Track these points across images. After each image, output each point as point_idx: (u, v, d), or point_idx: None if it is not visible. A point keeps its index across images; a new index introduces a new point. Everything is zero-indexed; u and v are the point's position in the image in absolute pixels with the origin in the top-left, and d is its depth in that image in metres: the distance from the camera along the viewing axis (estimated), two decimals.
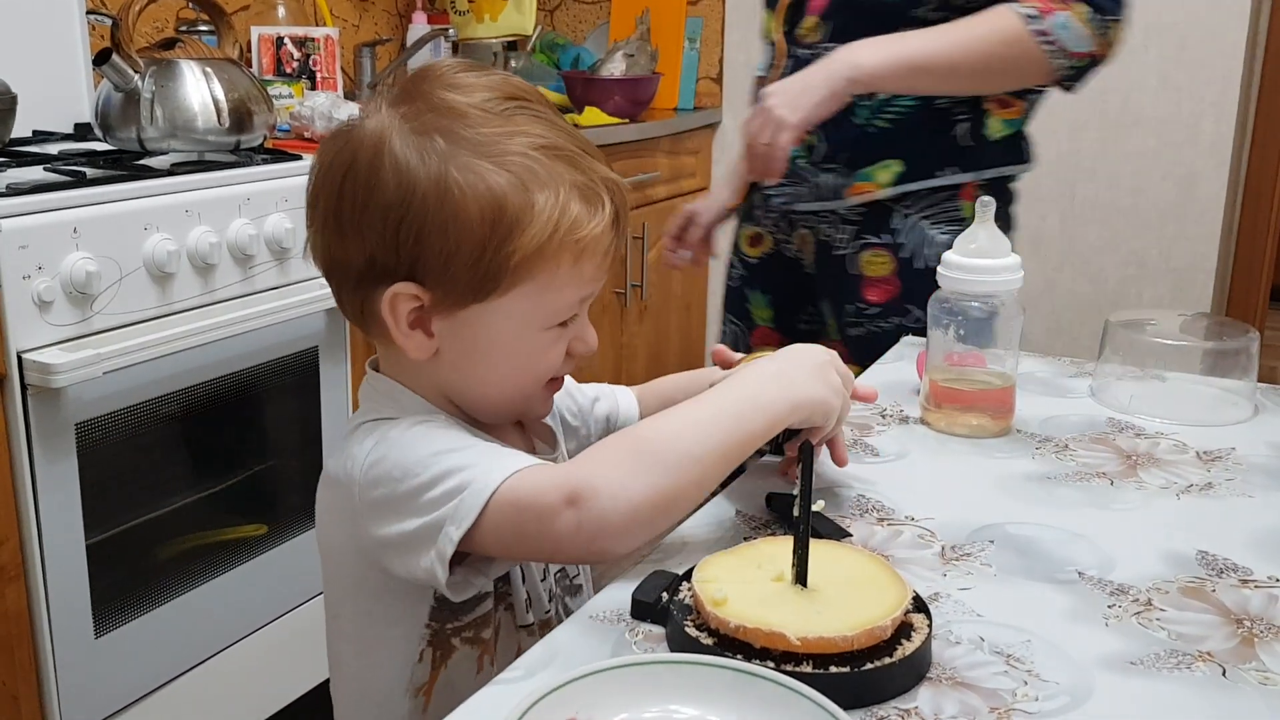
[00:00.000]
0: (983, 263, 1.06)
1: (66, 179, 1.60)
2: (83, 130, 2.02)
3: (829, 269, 1.57)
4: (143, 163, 1.75)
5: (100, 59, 1.72)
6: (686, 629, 0.72)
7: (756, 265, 1.68)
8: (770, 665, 0.66)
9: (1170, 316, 1.30)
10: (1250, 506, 0.95)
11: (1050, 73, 1.38)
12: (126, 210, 1.57)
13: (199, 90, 1.77)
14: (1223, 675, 0.71)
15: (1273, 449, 1.07)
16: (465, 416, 0.90)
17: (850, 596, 0.72)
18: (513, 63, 2.92)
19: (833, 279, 1.57)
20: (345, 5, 2.78)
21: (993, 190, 1.50)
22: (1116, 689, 0.69)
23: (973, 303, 1.07)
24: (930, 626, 0.72)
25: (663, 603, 0.75)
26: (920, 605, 0.74)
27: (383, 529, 0.82)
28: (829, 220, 1.55)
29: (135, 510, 1.65)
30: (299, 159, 1.86)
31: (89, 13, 2.10)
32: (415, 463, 0.81)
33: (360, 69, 2.70)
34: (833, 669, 0.67)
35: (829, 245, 1.56)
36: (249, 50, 2.37)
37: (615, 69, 2.74)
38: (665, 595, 0.76)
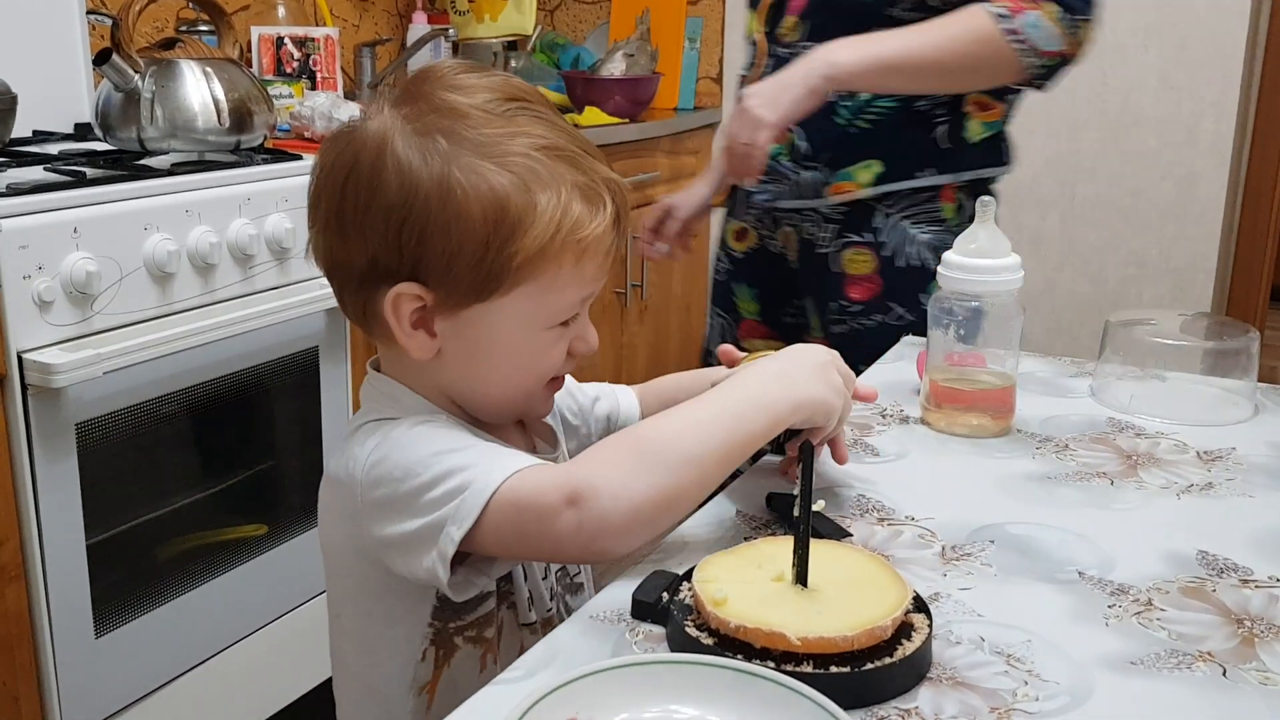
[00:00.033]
0: (983, 262, 1.06)
1: (67, 179, 1.60)
2: (83, 130, 2.02)
3: (812, 267, 1.59)
4: (143, 163, 1.75)
5: (100, 59, 1.72)
6: (687, 629, 0.72)
7: (742, 259, 1.70)
8: (770, 665, 0.66)
9: (1170, 316, 1.30)
10: (1250, 506, 0.95)
11: (1021, 71, 1.39)
12: (127, 210, 1.57)
13: (199, 90, 1.77)
14: (1223, 675, 0.71)
15: (1273, 449, 1.07)
16: (467, 416, 0.90)
17: (850, 596, 0.72)
18: (513, 63, 2.92)
19: (816, 277, 1.59)
20: (345, 5, 2.78)
21: (972, 192, 1.51)
22: (1117, 689, 0.69)
23: (973, 302, 1.07)
24: (930, 626, 0.72)
25: (663, 603, 0.75)
26: (920, 605, 0.74)
27: (384, 529, 0.82)
28: (811, 219, 1.56)
29: (135, 510, 1.65)
30: (299, 159, 1.86)
31: (89, 13, 2.10)
32: (416, 463, 0.81)
33: (360, 69, 2.70)
34: (833, 669, 0.67)
35: (812, 243, 1.57)
36: (249, 50, 2.37)
37: (615, 69, 2.74)
38: (665, 595, 0.76)
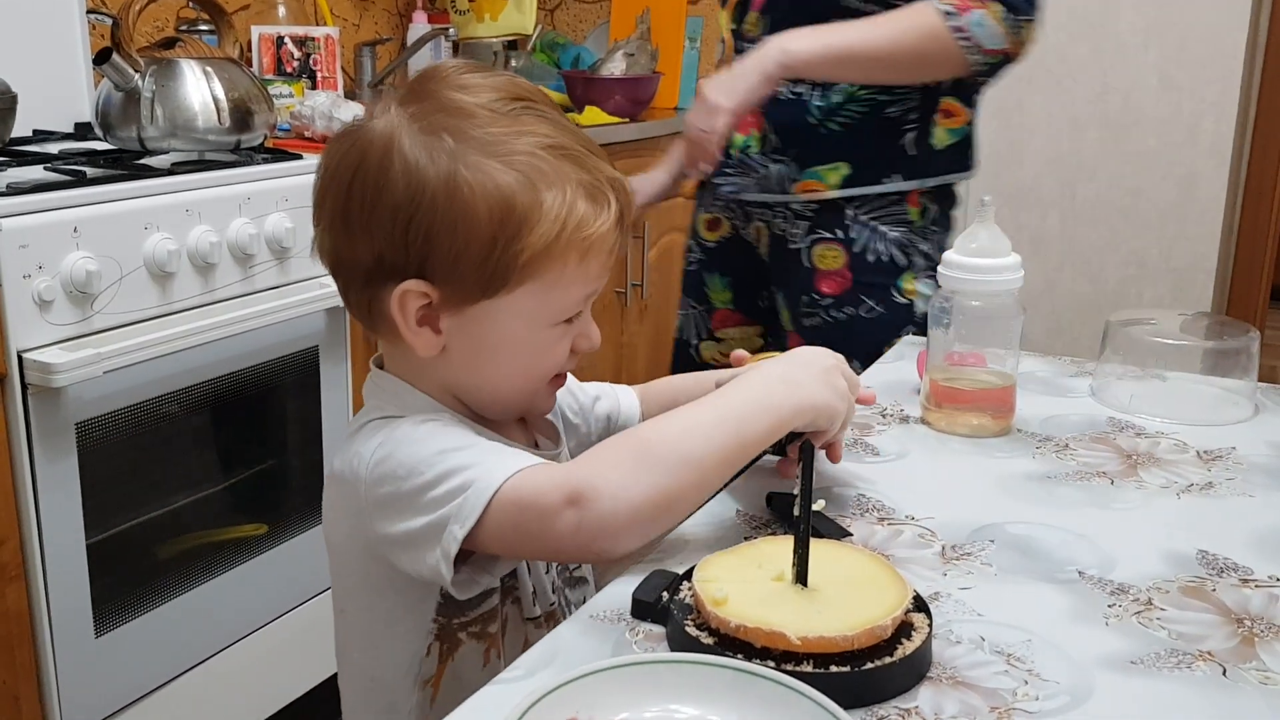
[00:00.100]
0: (983, 262, 1.06)
1: (67, 178, 1.60)
2: (83, 130, 2.02)
3: (783, 261, 1.61)
4: (143, 162, 1.75)
5: (100, 58, 1.72)
6: (687, 628, 0.72)
7: (714, 249, 1.73)
8: (771, 665, 0.66)
9: (1171, 316, 1.30)
10: (1251, 506, 0.95)
11: (965, 67, 1.44)
12: (127, 210, 1.57)
13: (199, 90, 1.77)
14: (1223, 675, 0.71)
15: (1273, 448, 1.07)
16: (470, 413, 0.90)
17: (850, 596, 0.72)
18: (513, 62, 2.91)
19: (787, 271, 1.61)
20: (346, 4, 2.78)
21: (937, 196, 1.56)
22: (1117, 688, 0.69)
23: (973, 302, 1.07)
24: (930, 626, 0.72)
25: (663, 602, 0.75)
26: (920, 605, 0.74)
27: (389, 526, 0.83)
28: (782, 214, 1.59)
29: (135, 510, 1.65)
30: (299, 158, 1.86)
31: (89, 12, 2.10)
32: (420, 461, 0.81)
33: (360, 68, 2.70)
34: (833, 668, 0.67)
35: (784, 239, 1.60)
36: (249, 50, 2.37)
37: (615, 68, 2.74)
38: (666, 595, 0.76)
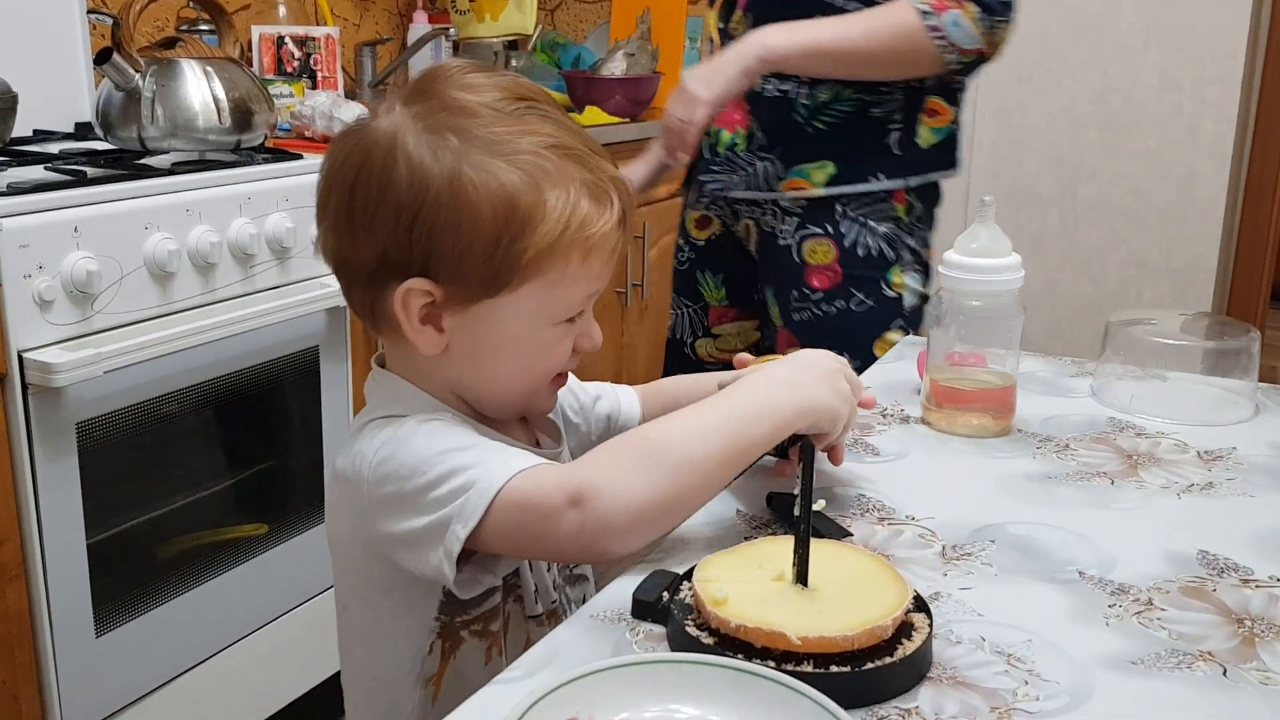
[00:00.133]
0: (983, 262, 1.06)
1: (67, 178, 1.60)
2: (83, 129, 2.02)
3: (772, 257, 1.62)
4: (143, 162, 1.75)
5: (101, 58, 1.72)
6: (687, 628, 0.72)
7: (705, 247, 1.73)
8: (771, 665, 0.66)
9: (1171, 316, 1.30)
10: (1251, 506, 0.95)
11: (941, 65, 1.47)
12: (127, 209, 1.57)
13: (200, 89, 1.77)
14: (1223, 675, 0.71)
15: (1274, 449, 1.07)
16: (471, 412, 0.91)
17: (851, 596, 0.72)
18: (513, 62, 2.91)
19: (776, 267, 1.62)
20: (346, 4, 2.78)
21: (922, 194, 1.58)
22: (1117, 689, 0.69)
23: (973, 302, 1.07)
24: (931, 626, 0.72)
25: (663, 602, 0.75)
26: (921, 605, 0.74)
27: (392, 526, 0.83)
28: (770, 211, 1.60)
29: (136, 509, 1.65)
30: (300, 158, 1.86)
31: (90, 12, 2.10)
32: (422, 461, 0.82)
33: (361, 68, 2.70)
34: (833, 668, 0.67)
35: (773, 236, 1.61)
36: (250, 49, 2.37)
37: (616, 68, 2.74)
38: (666, 595, 0.76)
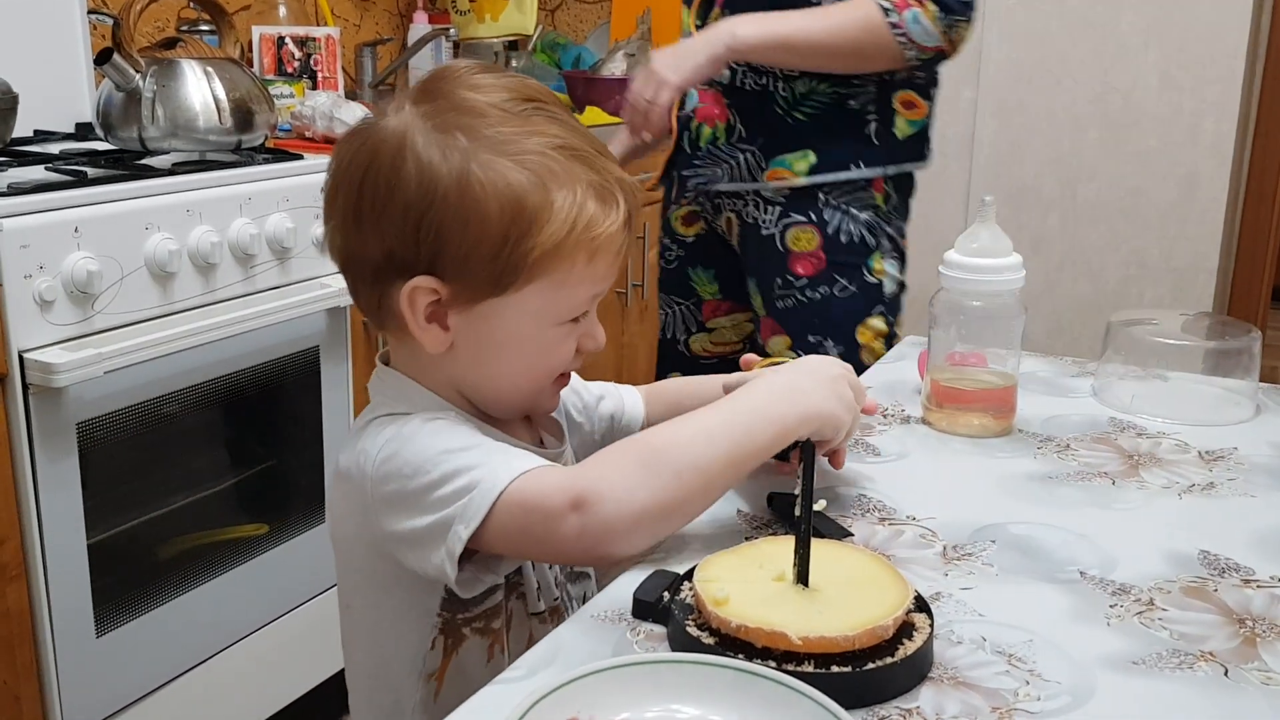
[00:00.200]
0: (984, 262, 1.06)
1: (68, 178, 1.60)
2: (84, 130, 2.02)
3: (756, 247, 1.64)
4: (144, 162, 1.75)
5: (101, 58, 1.72)
6: (688, 628, 0.72)
7: (694, 243, 1.75)
8: (772, 665, 0.66)
9: (1172, 316, 1.30)
10: (1252, 506, 0.95)
11: (902, 61, 1.51)
12: (128, 210, 1.57)
13: (200, 90, 1.77)
14: (1225, 675, 0.71)
15: (1275, 449, 1.07)
16: (475, 410, 0.91)
17: (852, 596, 0.72)
18: (514, 62, 2.91)
19: (760, 257, 1.63)
20: (346, 5, 2.78)
21: (898, 184, 1.62)
22: (1118, 689, 0.69)
23: (974, 302, 1.07)
24: (932, 626, 0.72)
25: (664, 602, 0.75)
26: (922, 605, 0.74)
27: (394, 524, 0.83)
28: (753, 202, 1.62)
29: (136, 510, 1.65)
30: (300, 159, 1.86)
31: (90, 12, 2.09)
32: (426, 460, 0.82)
33: (361, 68, 2.70)
34: (834, 669, 0.67)
35: (756, 226, 1.62)
36: (250, 50, 2.37)
37: (616, 69, 2.74)
38: (667, 595, 0.76)
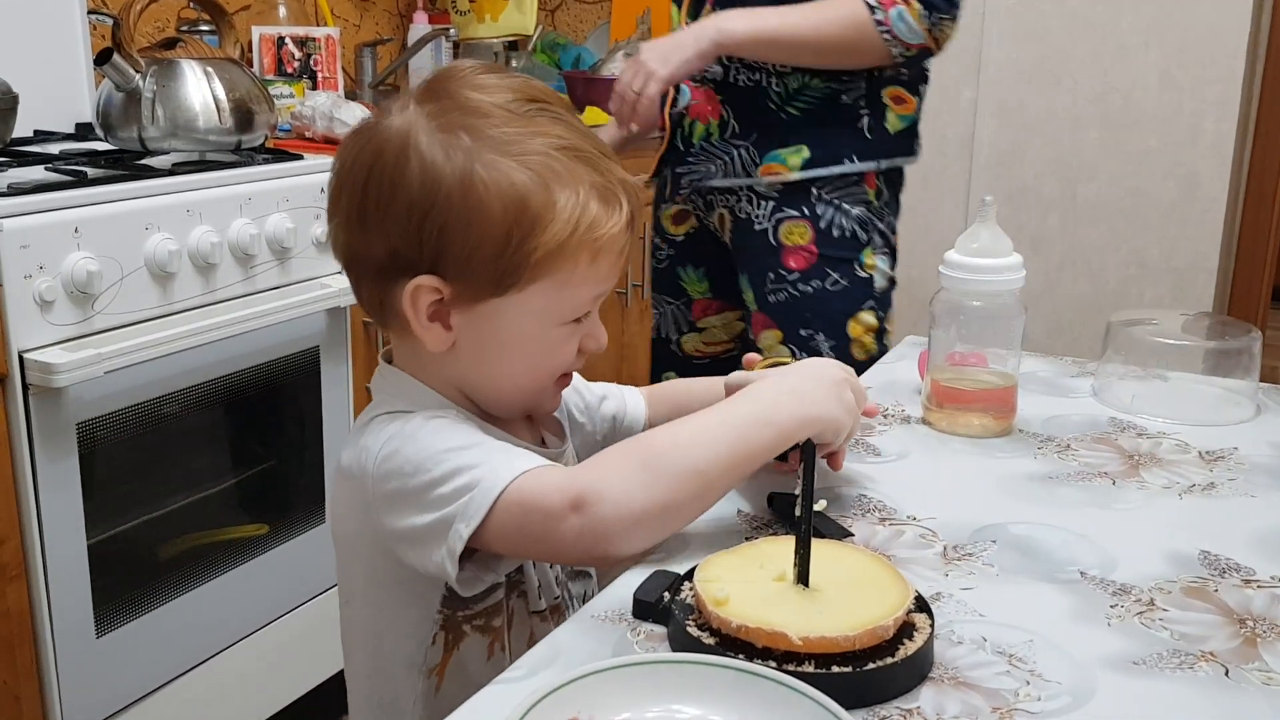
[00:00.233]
0: (984, 262, 1.06)
1: (68, 179, 1.60)
2: (84, 130, 2.02)
3: (748, 242, 1.64)
4: (144, 162, 1.75)
5: (101, 59, 1.72)
6: (688, 629, 0.72)
7: (684, 242, 1.76)
8: (772, 665, 0.66)
9: (1172, 316, 1.30)
10: (1253, 506, 0.95)
11: (888, 57, 1.53)
12: (128, 210, 1.57)
13: (200, 90, 1.77)
14: (1225, 675, 0.71)
15: (1275, 449, 1.07)
16: (477, 409, 0.91)
17: (852, 596, 0.72)
18: (513, 63, 2.91)
19: (752, 252, 1.64)
20: (346, 5, 2.78)
21: (889, 178, 1.64)
22: (1119, 689, 0.69)
23: (974, 302, 1.07)
24: (932, 626, 0.72)
25: (664, 602, 0.75)
26: (922, 605, 0.74)
27: (396, 521, 0.83)
28: (746, 197, 1.63)
29: (136, 510, 1.65)
30: (300, 159, 1.86)
31: (90, 12, 2.09)
32: (427, 459, 0.82)
33: (361, 69, 2.70)
34: (835, 669, 0.67)
35: (749, 222, 1.63)
36: (250, 50, 2.37)
37: (616, 69, 2.73)
38: (667, 595, 0.76)
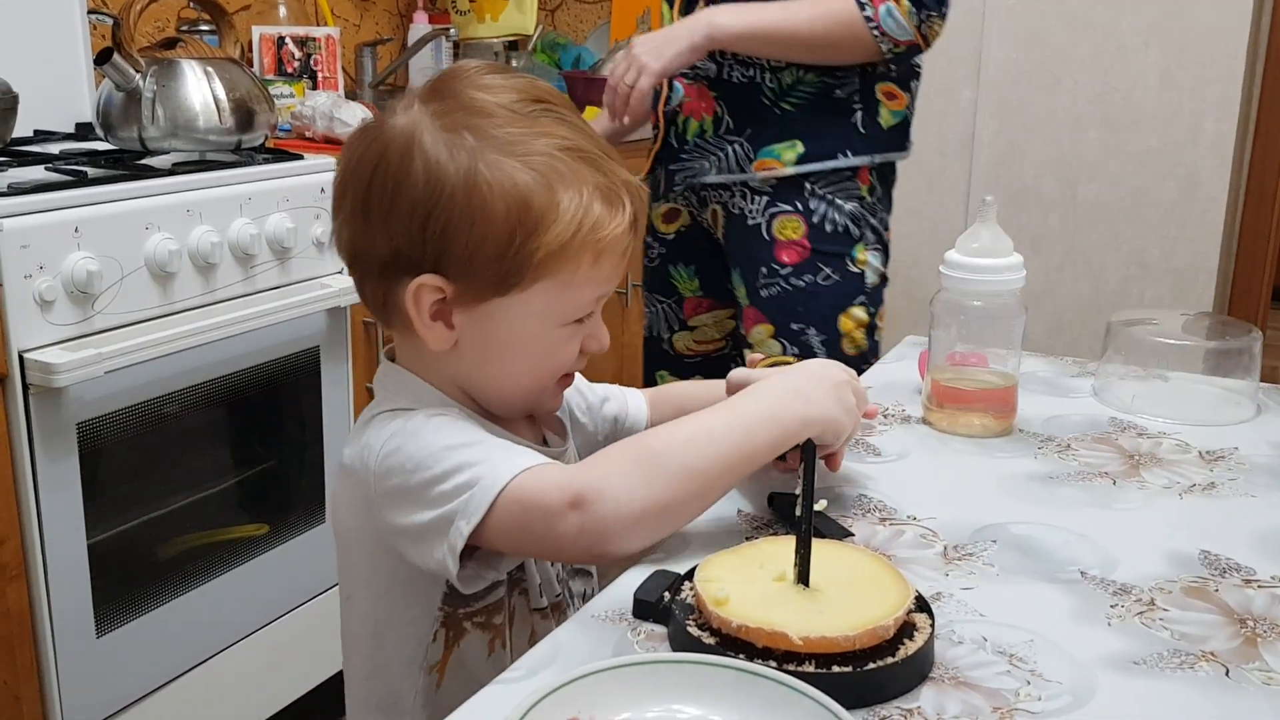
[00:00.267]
0: (985, 262, 1.06)
1: (68, 178, 1.60)
2: (84, 130, 2.02)
3: (741, 237, 1.66)
4: (144, 162, 1.75)
5: (101, 58, 1.72)
6: (689, 628, 0.72)
7: (674, 240, 1.76)
8: (772, 665, 0.66)
9: (1172, 316, 1.30)
10: (1253, 506, 0.95)
11: (877, 53, 1.56)
12: (128, 210, 1.57)
13: (200, 90, 1.77)
14: (1226, 675, 0.71)
15: (1275, 449, 1.07)
16: (478, 408, 0.91)
17: (852, 596, 0.72)
18: (514, 62, 2.91)
19: (745, 247, 1.65)
20: (346, 5, 2.78)
21: (881, 173, 1.66)
22: (1119, 689, 0.69)
23: (975, 302, 1.07)
24: (933, 626, 0.72)
25: (665, 602, 0.75)
26: (923, 605, 0.74)
27: (397, 518, 0.84)
28: (740, 193, 1.64)
29: (136, 510, 1.65)
30: (300, 159, 1.86)
31: (90, 12, 2.09)
32: (428, 456, 0.82)
33: (361, 68, 2.70)
34: (835, 669, 0.67)
35: (742, 217, 1.65)
36: (250, 50, 2.37)
37: None
38: (667, 595, 0.76)
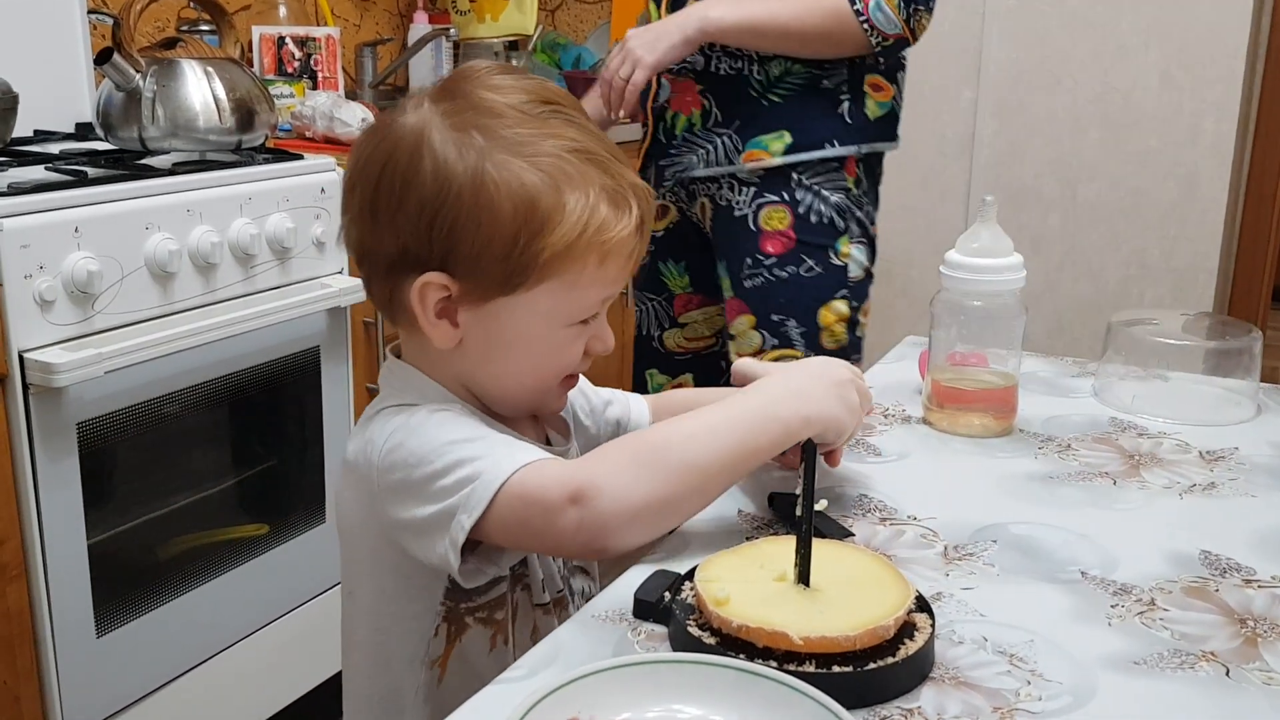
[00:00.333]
0: (985, 262, 1.06)
1: (68, 178, 1.60)
2: (84, 130, 2.02)
3: (728, 229, 1.67)
4: (144, 162, 1.75)
5: (101, 58, 1.72)
6: (689, 628, 0.72)
7: (664, 237, 1.78)
8: (773, 665, 0.66)
9: (1173, 316, 1.30)
10: (1253, 506, 0.95)
11: (867, 47, 1.58)
12: (128, 210, 1.57)
13: (200, 90, 1.77)
14: (1226, 675, 0.71)
15: (1276, 449, 1.07)
16: (482, 407, 0.91)
17: (853, 596, 0.72)
18: (514, 63, 2.91)
19: (732, 238, 1.67)
20: (346, 5, 2.78)
21: (869, 164, 1.68)
22: (1120, 689, 0.69)
23: (975, 302, 1.07)
24: (933, 626, 0.72)
25: (665, 602, 0.75)
26: (923, 605, 0.74)
27: (400, 513, 0.84)
28: (728, 185, 1.66)
29: (137, 510, 1.65)
30: (300, 159, 1.86)
31: (90, 12, 2.09)
32: (430, 450, 0.83)
33: (361, 68, 2.70)
34: (835, 669, 0.67)
35: (729, 208, 1.66)
36: (250, 50, 2.37)
37: None
38: (668, 595, 0.76)
